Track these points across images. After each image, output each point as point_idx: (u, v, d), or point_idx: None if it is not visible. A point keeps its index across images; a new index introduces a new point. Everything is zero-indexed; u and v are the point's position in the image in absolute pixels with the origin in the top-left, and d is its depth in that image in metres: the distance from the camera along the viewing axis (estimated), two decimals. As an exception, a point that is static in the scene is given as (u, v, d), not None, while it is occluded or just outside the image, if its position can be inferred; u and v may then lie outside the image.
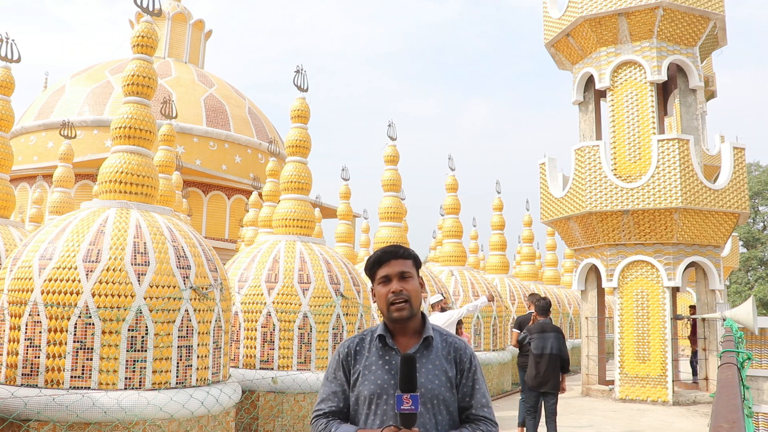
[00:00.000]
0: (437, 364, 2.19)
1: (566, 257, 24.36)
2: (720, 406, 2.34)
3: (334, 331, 8.02)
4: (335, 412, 2.21)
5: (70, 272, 5.62)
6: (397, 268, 2.22)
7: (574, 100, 13.59)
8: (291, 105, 9.41)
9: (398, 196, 12.20)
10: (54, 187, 13.93)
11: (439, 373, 2.17)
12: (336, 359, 2.28)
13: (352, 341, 2.29)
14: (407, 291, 2.20)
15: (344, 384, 2.23)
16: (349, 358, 2.25)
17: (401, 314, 2.18)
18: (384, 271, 2.23)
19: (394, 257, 2.25)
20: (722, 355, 4.67)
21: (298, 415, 7.54)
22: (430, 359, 2.19)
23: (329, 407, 2.21)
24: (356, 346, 2.26)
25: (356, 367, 2.22)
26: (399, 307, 2.18)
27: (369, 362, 2.20)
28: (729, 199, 11.74)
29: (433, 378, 2.16)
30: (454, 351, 2.24)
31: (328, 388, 2.25)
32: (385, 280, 2.23)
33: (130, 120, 6.75)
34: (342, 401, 2.22)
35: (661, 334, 11.63)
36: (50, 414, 5.11)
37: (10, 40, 9.30)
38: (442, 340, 2.26)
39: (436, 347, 2.22)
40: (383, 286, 2.23)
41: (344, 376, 2.24)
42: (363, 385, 2.17)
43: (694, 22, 12.25)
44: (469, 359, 2.24)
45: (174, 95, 22.44)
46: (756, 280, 41.19)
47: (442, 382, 2.17)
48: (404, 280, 2.21)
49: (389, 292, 2.20)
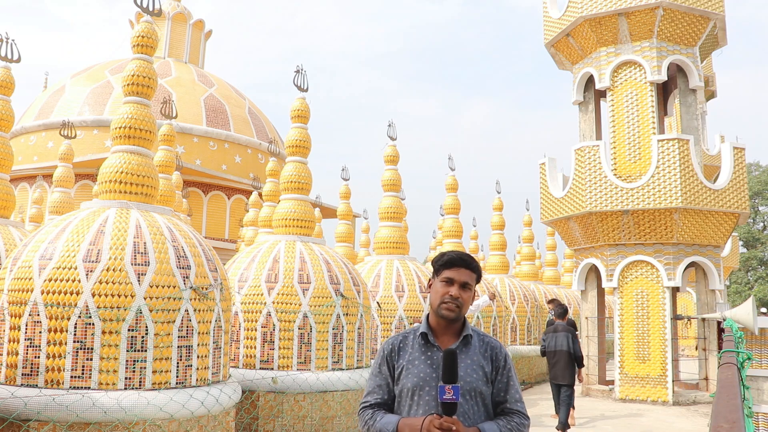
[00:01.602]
0: (475, 359, 2.37)
1: (566, 257, 24.35)
2: (720, 406, 2.34)
3: (334, 331, 8.02)
4: (380, 404, 2.38)
5: (70, 272, 5.62)
6: (463, 277, 2.39)
7: (574, 100, 13.59)
8: (291, 105, 9.41)
9: (398, 196, 12.20)
10: (54, 187, 13.93)
11: (476, 368, 2.35)
12: (381, 355, 2.45)
13: (396, 338, 2.47)
14: (463, 299, 2.38)
15: (388, 378, 2.40)
16: (393, 354, 2.42)
17: (449, 314, 2.35)
18: (451, 274, 2.39)
19: (465, 266, 2.41)
20: (722, 355, 4.67)
21: (298, 415, 7.54)
22: (469, 355, 2.37)
23: (375, 399, 2.39)
24: (400, 343, 2.44)
25: (400, 362, 2.39)
26: (449, 308, 2.35)
27: (412, 357, 2.37)
28: (729, 199, 11.74)
29: (471, 372, 2.33)
30: (490, 349, 2.42)
31: (374, 381, 2.43)
32: (448, 282, 2.39)
33: (130, 120, 6.75)
34: (387, 393, 2.39)
35: (661, 334, 11.64)
36: (50, 414, 5.11)
37: (10, 40, 9.29)
38: (480, 339, 2.45)
39: (474, 345, 2.41)
40: (444, 285, 2.39)
41: (388, 371, 2.41)
42: (407, 378, 2.34)
43: (694, 22, 12.25)
44: (504, 358, 2.43)
45: (174, 95, 22.43)
46: (756, 280, 41.20)
47: (480, 376, 2.34)
48: (464, 289, 2.39)
49: (448, 293, 2.37)
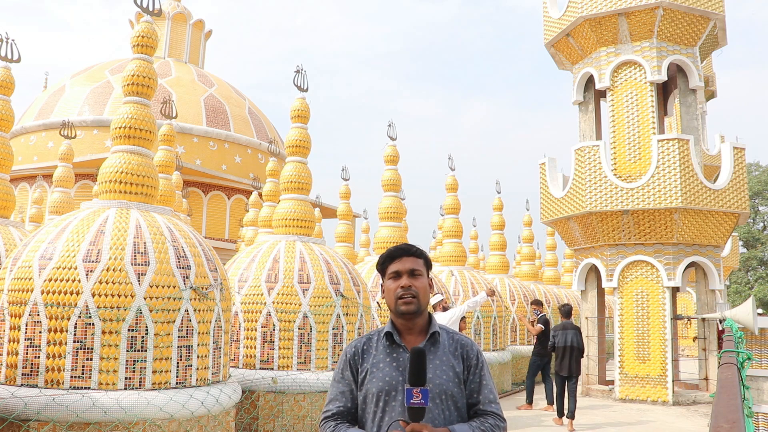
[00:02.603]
0: (444, 359, 2.20)
1: (566, 257, 24.35)
2: (720, 406, 2.34)
3: (334, 331, 8.02)
4: (343, 413, 2.22)
5: (70, 272, 5.62)
6: (408, 265, 2.24)
7: (574, 100, 13.59)
8: (291, 105, 9.41)
9: (398, 196, 12.20)
10: (54, 187, 13.93)
11: (446, 369, 2.18)
12: (343, 359, 2.28)
13: (359, 341, 2.30)
14: (416, 287, 2.22)
15: (352, 383, 2.24)
16: (357, 357, 2.25)
17: (408, 308, 2.19)
18: (395, 267, 2.25)
19: (407, 254, 2.27)
20: (722, 355, 4.67)
21: (298, 415, 7.54)
22: (438, 355, 2.21)
23: (337, 407, 2.22)
24: (363, 346, 2.27)
25: (364, 366, 2.22)
26: (406, 300, 2.20)
27: (377, 360, 2.21)
28: (729, 199, 11.74)
29: (441, 373, 2.17)
30: (461, 347, 2.26)
31: (336, 388, 2.26)
32: (396, 276, 2.25)
33: (130, 120, 6.75)
34: (350, 401, 2.23)
35: (661, 334, 11.63)
36: (50, 414, 5.11)
37: (10, 40, 9.29)
38: (449, 337, 2.28)
39: (443, 343, 2.24)
40: (393, 281, 2.25)
41: (351, 376, 2.24)
42: (371, 382, 2.18)
43: (694, 22, 12.25)
44: (476, 355, 2.26)
45: (174, 95, 22.44)
46: (756, 280, 41.19)
47: (450, 377, 2.17)
48: (414, 277, 2.23)
49: (398, 287, 2.22)
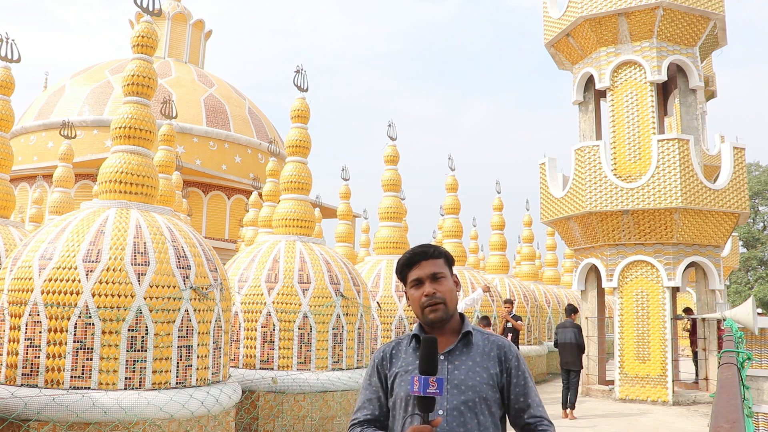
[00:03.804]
0: (478, 361, 2.08)
1: (566, 257, 24.36)
2: (720, 406, 2.34)
3: (334, 331, 8.02)
4: (371, 420, 2.11)
5: (70, 272, 5.62)
6: (429, 270, 2.11)
7: (574, 100, 13.59)
8: (291, 105, 9.41)
9: (398, 196, 12.20)
10: (54, 187, 13.93)
11: (480, 371, 2.06)
12: (371, 365, 2.18)
13: (388, 345, 2.19)
14: (441, 293, 2.09)
15: (379, 390, 2.13)
16: (385, 362, 2.15)
17: (437, 315, 2.07)
18: (415, 274, 2.12)
19: (425, 258, 2.13)
20: (722, 355, 4.67)
21: (298, 415, 7.54)
22: (471, 356, 2.08)
23: (364, 416, 2.12)
24: (392, 350, 2.17)
25: (392, 371, 2.12)
26: (433, 308, 2.07)
27: (405, 363, 2.10)
28: (729, 199, 11.74)
29: (474, 375, 2.04)
30: (497, 348, 2.12)
31: (364, 396, 2.16)
32: (418, 283, 2.12)
33: (130, 120, 6.75)
34: (378, 408, 2.12)
35: (661, 334, 11.63)
36: (50, 414, 5.11)
37: (10, 40, 9.29)
38: (484, 338, 2.15)
39: (477, 344, 2.11)
40: (416, 289, 2.12)
41: (379, 382, 2.14)
42: (399, 386, 2.07)
43: (694, 22, 12.25)
44: (515, 357, 2.13)
45: (174, 95, 22.43)
46: (756, 280, 41.20)
47: (484, 379, 2.05)
48: (437, 281, 2.10)
49: (422, 295, 2.09)
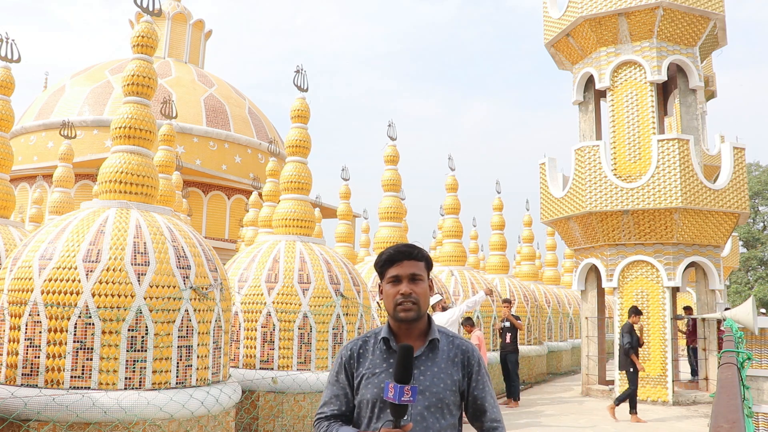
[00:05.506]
0: (443, 367, 2.14)
1: (566, 257, 24.35)
2: (720, 406, 2.34)
3: (334, 331, 8.02)
4: (337, 416, 2.16)
5: (70, 272, 5.62)
6: (409, 270, 2.15)
7: (574, 100, 13.59)
8: (291, 105, 9.41)
9: (398, 196, 12.20)
10: (54, 187, 13.93)
11: (444, 377, 2.12)
12: (338, 362, 2.22)
13: (355, 344, 2.23)
14: (416, 294, 2.13)
15: (346, 387, 2.18)
16: (352, 361, 2.19)
17: (408, 315, 2.12)
18: (395, 271, 2.15)
19: (408, 258, 2.16)
20: (722, 355, 4.67)
21: (298, 415, 7.54)
22: (436, 362, 2.14)
23: (331, 410, 2.17)
24: (359, 349, 2.20)
25: (359, 371, 2.16)
26: (405, 308, 2.12)
27: (372, 365, 2.14)
28: (729, 199, 11.74)
29: (438, 381, 2.11)
30: (461, 353, 2.18)
31: (330, 391, 2.20)
32: (395, 281, 2.15)
33: (130, 120, 6.75)
34: (344, 404, 2.17)
35: (661, 334, 11.63)
36: (50, 414, 5.11)
37: (10, 40, 9.29)
38: (448, 342, 2.21)
39: (442, 350, 2.17)
40: (392, 286, 2.16)
41: (346, 380, 2.18)
42: (366, 388, 2.12)
43: (694, 22, 12.25)
44: (477, 362, 2.19)
45: (174, 95, 22.43)
46: (756, 280, 41.22)
47: (448, 385, 2.12)
48: (414, 282, 2.14)
49: (398, 293, 2.13)
